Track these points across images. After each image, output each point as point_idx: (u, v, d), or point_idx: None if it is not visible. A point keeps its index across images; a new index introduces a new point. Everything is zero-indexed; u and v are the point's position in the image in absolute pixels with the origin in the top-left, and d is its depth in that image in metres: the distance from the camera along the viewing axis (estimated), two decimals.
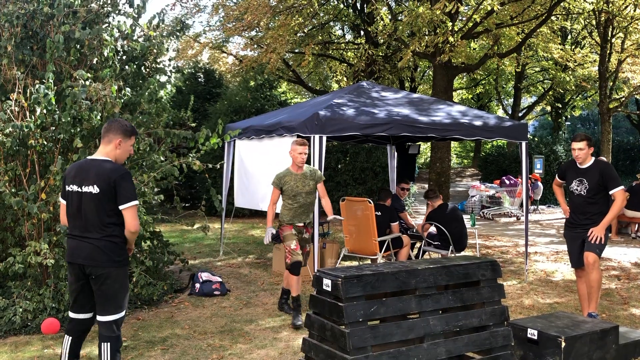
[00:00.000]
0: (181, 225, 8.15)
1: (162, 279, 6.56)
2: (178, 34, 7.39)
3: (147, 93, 6.27)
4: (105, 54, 5.99)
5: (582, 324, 4.45)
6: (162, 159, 6.38)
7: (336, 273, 3.39)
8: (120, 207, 3.47)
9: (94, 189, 3.46)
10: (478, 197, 15.52)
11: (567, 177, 5.54)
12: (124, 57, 6.55)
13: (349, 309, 3.26)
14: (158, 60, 7.05)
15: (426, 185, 19.49)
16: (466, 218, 8.31)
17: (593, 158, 5.42)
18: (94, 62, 6.27)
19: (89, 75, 5.44)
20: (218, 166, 6.65)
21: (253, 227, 12.26)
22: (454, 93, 30.06)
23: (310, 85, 22.86)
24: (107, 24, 6.33)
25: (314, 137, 6.22)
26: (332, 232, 9.53)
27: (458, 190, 23.14)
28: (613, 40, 16.83)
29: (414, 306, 3.49)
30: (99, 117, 5.38)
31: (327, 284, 3.40)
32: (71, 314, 3.65)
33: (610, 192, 5.27)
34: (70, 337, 3.61)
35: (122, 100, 5.92)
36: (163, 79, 7.26)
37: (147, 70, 7.06)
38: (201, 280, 6.48)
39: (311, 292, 3.67)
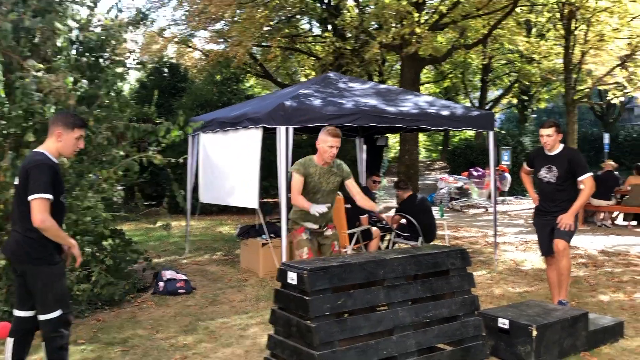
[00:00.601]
0: (147, 224, 7.91)
1: (124, 278, 6.31)
2: (138, 24, 7.13)
3: (104, 85, 6.02)
4: (59, 44, 5.71)
5: (552, 311, 4.41)
6: (121, 153, 6.14)
7: (302, 266, 3.25)
8: (28, 199, 3.26)
9: (16, 181, 3.38)
10: (447, 189, 15.56)
11: (535, 165, 5.50)
12: (80, 48, 6.28)
13: (315, 303, 3.12)
14: (117, 52, 6.80)
15: (396, 179, 19.50)
16: (435, 210, 8.27)
17: (561, 145, 5.38)
18: (48, 53, 5.99)
19: (40, 66, 5.17)
20: (181, 160, 6.43)
21: (221, 224, 12.03)
22: (421, 87, 30.23)
23: (278, 80, 22.62)
24: (60, 13, 6.04)
25: (279, 128, 6.06)
26: None
27: (427, 183, 23.25)
28: (576, 32, 17.03)
29: (382, 297, 3.37)
30: (52, 110, 5.12)
31: (292, 277, 3.26)
32: (14, 312, 3.47)
33: (579, 179, 5.24)
34: (13, 339, 3.41)
35: (78, 93, 5.66)
36: (130, 74, 7.01)
37: (106, 62, 6.79)
38: (165, 279, 6.27)
39: (276, 287, 3.52)
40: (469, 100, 29.67)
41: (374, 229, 7.46)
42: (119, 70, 6.82)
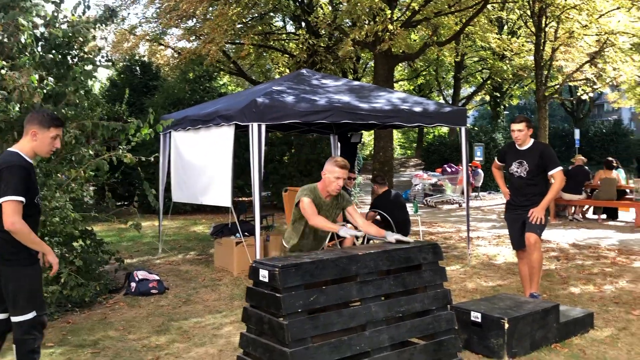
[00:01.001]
0: (118, 224, 7.78)
1: (95, 280, 6.19)
2: (106, 22, 7.01)
3: (72, 83, 5.89)
4: (23, 41, 5.57)
5: (524, 304, 4.45)
6: (91, 152, 6.02)
7: (273, 263, 3.22)
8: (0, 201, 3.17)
9: None
10: (421, 186, 15.66)
11: (506, 160, 5.55)
12: (46, 45, 6.14)
13: (287, 300, 3.09)
14: (85, 49, 6.66)
15: (371, 176, 19.55)
16: (409, 206, 8.31)
17: (532, 140, 5.44)
18: (12, 49, 5.84)
19: (4, 63, 5.04)
20: (152, 159, 6.35)
21: (195, 224, 11.92)
22: (395, 85, 30.37)
23: (253, 77, 22.50)
24: (24, 9, 5.90)
25: (252, 125, 6.01)
26: (277, 225, 9.35)
27: (402, 180, 23.37)
28: (547, 29, 17.26)
29: (355, 293, 3.36)
30: (17, 108, 4.99)
31: (263, 274, 3.22)
32: None
33: (550, 173, 5.30)
34: None
35: (44, 91, 5.53)
36: (100, 72, 6.87)
37: (74, 59, 6.65)
38: (137, 279, 6.17)
39: (248, 285, 3.48)
40: (442, 97, 29.93)
41: (349, 226, 7.45)
42: (88, 68, 6.70)
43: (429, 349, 3.55)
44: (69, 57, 6.45)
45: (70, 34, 5.98)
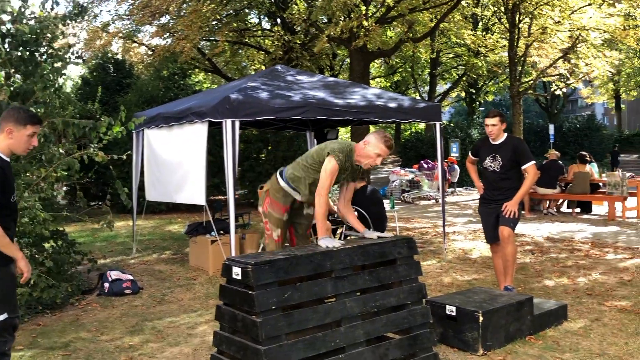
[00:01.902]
0: (92, 224, 7.63)
1: (67, 281, 6.07)
2: (75, 18, 6.87)
3: (40, 80, 5.76)
4: None
5: (498, 297, 4.47)
6: (61, 151, 5.90)
7: (246, 260, 3.18)
8: None
9: None
10: (398, 182, 15.72)
11: (480, 154, 5.57)
12: (13, 42, 5.99)
13: (261, 297, 3.05)
14: (54, 45, 6.52)
15: None
16: (386, 202, 8.32)
17: (505, 134, 5.47)
18: None
19: None
20: (124, 157, 6.24)
21: (171, 223, 11.79)
22: (372, 81, 30.46)
23: (229, 75, 22.34)
24: None
25: (226, 122, 5.94)
26: (252, 223, 9.28)
27: (380, 177, 23.42)
28: (520, 25, 17.44)
29: (330, 289, 3.33)
30: None
31: (236, 272, 3.18)
32: None
33: (523, 167, 5.34)
34: None
35: (12, 88, 5.40)
36: (67, 69, 6.74)
37: (42, 56, 6.51)
38: (110, 280, 6.07)
39: (221, 283, 3.43)
40: (418, 93, 30.09)
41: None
42: (57, 65, 6.56)
43: (404, 343, 3.54)
44: (37, 54, 6.30)
45: (37, 30, 5.84)
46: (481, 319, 4.06)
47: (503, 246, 5.24)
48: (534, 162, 5.35)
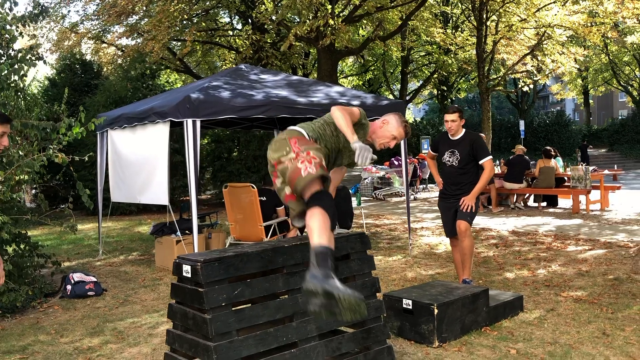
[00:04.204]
0: (56, 227, 7.54)
1: (29, 284, 6.02)
2: (36, 18, 6.80)
3: None
4: None
5: (454, 290, 4.56)
6: (20, 153, 5.83)
7: (196, 258, 3.19)
8: None
9: None
10: (370, 179, 15.83)
11: (439, 149, 5.67)
12: None
13: (210, 294, 3.07)
14: (14, 47, 6.44)
15: None
16: (354, 199, 8.40)
17: (464, 130, 5.57)
18: None
19: None
20: (86, 158, 6.20)
21: (140, 224, 11.70)
22: (345, 80, 30.57)
23: (201, 75, 22.22)
24: None
25: (186, 121, 5.94)
26: (219, 223, 9.27)
27: (353, 174, 23.52)
28: (488, 23, 17.68)
29: (281, 285, 3.36)
30: None
31: (186, 270, 3.19)
32: None
33: (480, 162, 5.44)
34: None
35: None
36: (26, 70, 6.65)
37: (1, 57, 6.42)
38: (73, 282, 6.02)
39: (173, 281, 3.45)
40: (390, 91, 30.27)
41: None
42: (16, 66, 6.48)
43: (357, 336, 3.59)
44: None
45: None
46: (436, 311, 4.14)
47: (460, 240, 5.33)
48: (490, 157, 5.46)
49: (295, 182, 3.19)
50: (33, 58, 6.90)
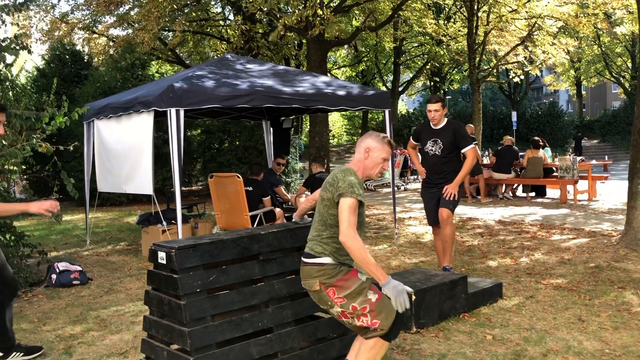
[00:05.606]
0: (46, 218, 7.57)
1: (15, 274, 6.01)
2: (20, 7, 6.77)
3: None
4: None
5: (433, 277, 4.61)
6: (4, 142, 5.83)
7: (171, 245, 3.22)
8: None
9: None
10: None
11: (421, 139, 5.70)
12: None
13: (184, 280, 3.10)
14: None
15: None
16: None
17: (446, 119, 5.61)
18: None
19: None
20: (71, 148, 6.21)
21: (130, 214, 11.71)
22: (338, 71, 30.54)
23: (192, 66, 22.12)
24: None
25: (170, 110, 5.95)
26: (207, 213, 9.30)
27: None
28: (479, 13, 17.66)
29: (257, 271, 3.40)
30: None
31: (162, 256, 3.22)
32: None
33: (462, 151, 5.48)
34: None
35: None
36: (9, 59, 6.63)
37: None
38: (58, 271, 6.05)
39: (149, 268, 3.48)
40: (383, 83, 30.26)
41: (278, 210, 7.51)
42: (9, 59, 6.46)
43: (334, 322, 3.63)
44: None
45: None
46: (413, 297, 4.17)
47: (442, 227, 5.38)
48: (472, 145, 5.50)
49: (367, 334, 3.13)
50: (17, 47, 6.89)
